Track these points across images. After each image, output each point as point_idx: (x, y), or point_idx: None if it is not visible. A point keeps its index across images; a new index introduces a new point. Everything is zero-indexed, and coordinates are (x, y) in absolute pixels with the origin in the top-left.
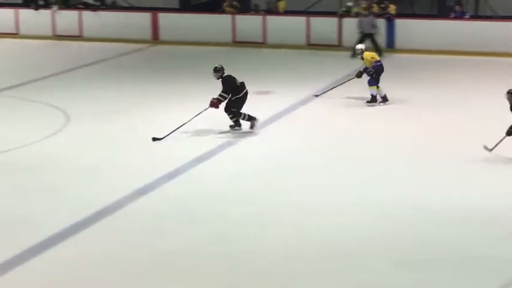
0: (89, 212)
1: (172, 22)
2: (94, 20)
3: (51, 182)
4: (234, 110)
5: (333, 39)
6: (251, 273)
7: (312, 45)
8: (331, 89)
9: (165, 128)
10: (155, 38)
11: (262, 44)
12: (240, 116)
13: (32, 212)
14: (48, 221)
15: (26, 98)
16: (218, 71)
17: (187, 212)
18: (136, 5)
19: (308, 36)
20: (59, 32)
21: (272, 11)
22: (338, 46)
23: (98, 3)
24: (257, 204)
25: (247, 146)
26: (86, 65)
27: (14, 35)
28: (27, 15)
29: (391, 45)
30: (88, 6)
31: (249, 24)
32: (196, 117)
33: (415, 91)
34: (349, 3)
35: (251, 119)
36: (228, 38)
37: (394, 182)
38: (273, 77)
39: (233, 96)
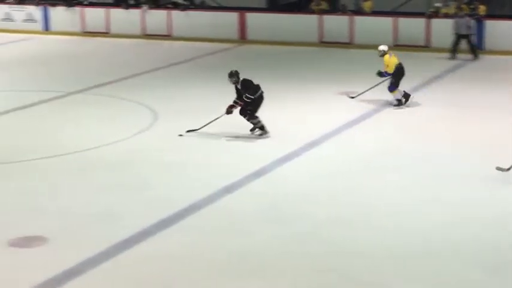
0: (175, 209)
1: (260, 22)
2: (183, 20)
3: (139, 179)
4: (250, 110)
5: (421, 40)
6: (336, 273)
7: (399, 46)
8: (366, 91)
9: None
10: (243, 37)
11: (349, 45)
12: (256, 119)
13: (119, 208)
14: (135, 217)
15: (116, 95)
16: (233, 75)
17: (272, 211)
18: (225, 5)
19: (395, 36)
20: (148, 32)
21: (359, 11)
22: (425, 47)
23: (187, 3)
24: (341, 205)
25: (331, 147)
26: (174, 64)
27: (105, 34)
28: (118, 14)
29: (480, 47)
30: (177, 6)
31: (336, 24)
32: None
33: (498, 93)
34: (438, 4)
35: (263, 129)
36: (315, 38)
37: (478, 184)
38: (359, 78)
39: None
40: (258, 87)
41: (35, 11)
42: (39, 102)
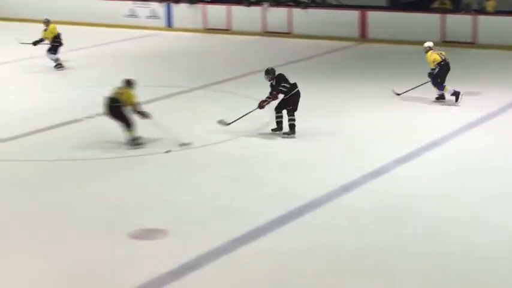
0: (294, 206)
1: (381, 20)
2: (303, 17)
3: (258, 175)
4: (290, 108)
5: None
6: (454, 275)
7: None
8: (413, 88)
9: (367, 126)
10: (363, 36)
11: (471, 44)
12: (293, 116)
13: (239, 203)
14: (254, 212)
15: (237, 92)
16: (269, 73)
17: (391, 211)
18: (345, 3)
19: None
20: (269, 29)
21: (483, 10)
22: None
23: (307, 1)
24: (460, 206)
25: (450, 148)
26: (293, 62)
27: (226, 31)
28: (239, 12)
29: None
30: (298, 4)
31: (458, 23)
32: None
33: None
34: None
35: (292, 127)
36: (437, 37)
37: None
38: (481, 79)
39: (286, 95)
40: (294, 85)
41: (159, 7)
42: (163, 97)
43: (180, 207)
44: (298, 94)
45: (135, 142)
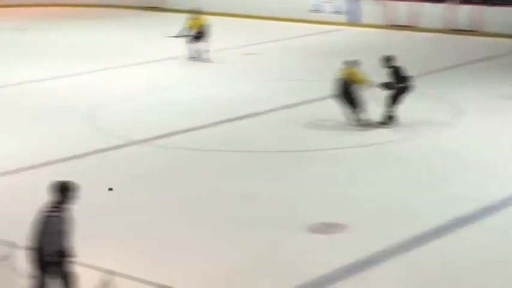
0: (472, 207)
1: None
2: (490, 15)
3: (436, 174)
4: (393, 100)
5: None
6: None
7: None
8: None
9: None
10: None
11: None
12: (391, 108)
13: (415, 202)
14: (430, 212)
15: (417, 90)
16: (385, 60)
17: None
18: None
19: None
20: (454, 26)
21: None
22: None
23: None
24: None
25: None
26: (480, 60)
27: (412, 27)
28: (425, 8)
29: None
30: (486, 1)
31: None
32: None
33: None
34: None
35: (390, 119)
36: None
37: None
38: None
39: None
40: (408, 79)
41: (342, 3)
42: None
43: (360, 203)
44: (405, 89)
45: (364, 122)
